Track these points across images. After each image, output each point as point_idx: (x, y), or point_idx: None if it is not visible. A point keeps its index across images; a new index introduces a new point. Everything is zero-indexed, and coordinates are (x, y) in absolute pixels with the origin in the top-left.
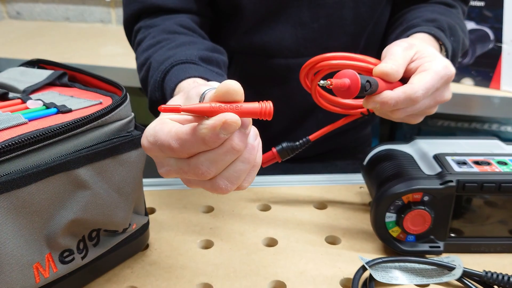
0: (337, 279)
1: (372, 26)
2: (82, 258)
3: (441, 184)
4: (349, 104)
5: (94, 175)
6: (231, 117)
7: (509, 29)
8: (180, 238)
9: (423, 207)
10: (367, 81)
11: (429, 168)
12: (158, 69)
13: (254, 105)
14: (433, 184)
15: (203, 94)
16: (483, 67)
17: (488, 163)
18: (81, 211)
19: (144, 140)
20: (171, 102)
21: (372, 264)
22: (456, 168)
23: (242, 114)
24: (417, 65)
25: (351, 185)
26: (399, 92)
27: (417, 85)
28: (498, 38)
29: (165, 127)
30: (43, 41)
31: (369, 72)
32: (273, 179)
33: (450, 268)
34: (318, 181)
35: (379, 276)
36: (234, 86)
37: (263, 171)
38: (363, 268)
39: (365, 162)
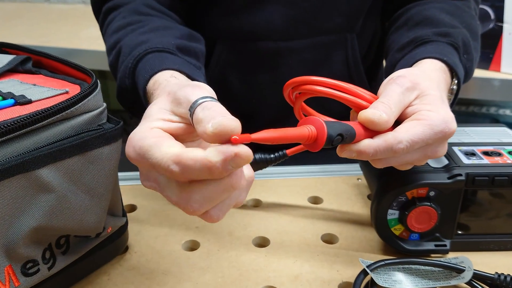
0: (335, 283)
1: (370, 7)
2: (49, 268)
3: (449, 178)
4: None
5: (59, 176)
6: (245, 151)
7: (511, 8)
8: (163, 239)
9: (428, 203)
10: (339, 134)
11: (435, 160)
12: (130, 54)
13: (303, 130)
14: (440, 178)
15: (195, 104)
16: (483, 48)
17: (499, 154)
18: (45, 217)
19: (130, 150)
20: (152, 105)
21: (374, 267)
22: (465, 160)
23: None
24: (414, 110)
25: (347, 177)
26: (380, 140)
27: (401, 135)
28: (499, 17)
29: (161, 143)
30: (21, 23)
31: (360, 108)
32: (263, 171)
33: (459, 270)
34: (312, 172)
35: (381, 280)
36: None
37: None
38: (364, 272)
39: None
